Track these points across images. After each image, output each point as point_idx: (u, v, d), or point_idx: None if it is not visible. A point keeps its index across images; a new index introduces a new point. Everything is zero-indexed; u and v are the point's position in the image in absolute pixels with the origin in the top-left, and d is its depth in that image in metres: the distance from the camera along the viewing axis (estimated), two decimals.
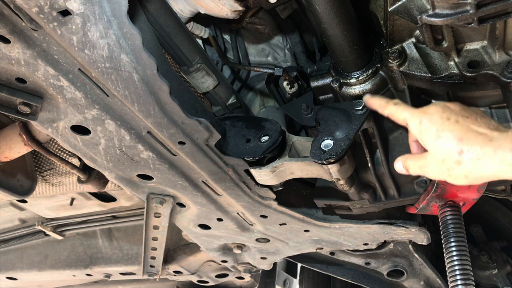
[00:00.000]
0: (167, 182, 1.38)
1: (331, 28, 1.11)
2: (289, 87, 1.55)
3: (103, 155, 1.23)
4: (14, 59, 0.95)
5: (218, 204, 1.53)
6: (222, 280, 2.45)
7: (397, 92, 1.24)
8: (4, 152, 1.41)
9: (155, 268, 2.03)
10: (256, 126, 1.33)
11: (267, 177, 1.33)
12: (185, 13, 1.36)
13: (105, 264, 2.31)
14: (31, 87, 1.03)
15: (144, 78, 1.02)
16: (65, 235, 2.26)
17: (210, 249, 1.90)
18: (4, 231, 2.27)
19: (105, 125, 1.13)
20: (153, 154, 1.24)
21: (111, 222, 2.15)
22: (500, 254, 2.35)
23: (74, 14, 0.88)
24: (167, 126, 1.14)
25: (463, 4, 0.90)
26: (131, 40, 0.95)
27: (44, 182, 1.75)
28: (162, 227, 1.66)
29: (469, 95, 1.21)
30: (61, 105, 1.07)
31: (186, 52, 1.30)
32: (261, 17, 1.52)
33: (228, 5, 1.26)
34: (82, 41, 0.92)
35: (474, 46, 1.07)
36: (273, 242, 1.81)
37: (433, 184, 1.32)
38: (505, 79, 1.02)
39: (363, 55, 1.20)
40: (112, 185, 1.72)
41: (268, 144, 1.27)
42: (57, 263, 2.37)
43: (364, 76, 1.21)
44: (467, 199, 1.35)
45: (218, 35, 1.56)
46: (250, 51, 1.62)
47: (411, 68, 1.15)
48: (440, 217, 1.38)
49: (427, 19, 0.96)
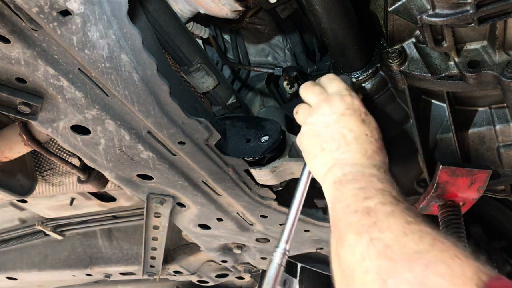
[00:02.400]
0: (167, 182, 1.38)
1: (331, 28, 1.11)
2: (289, 87, 1.54)
3: (103, 155, 1.23)
4: (14, 59, 0.95)
5: (218, 204, 1.53)
6: (222, 280, 2.46)
7: (397, 92, 1.24)
8: (4, 152, 1.41)
9: (155, 268, 2.03)
10: (256, 126, 1.33)
11: (267, 177, 1.33)
12: (185, 13, 1.36)
13: (105, 264, 2.31)
14: (31, 87, 1.03)
15: (144, 78, 1.01)
16: (65, 235, 2.26)
17: (210, 249, 1.90)
18: (4, 231, 2.27)
19: (105, 125, 1.13)
20: (153, 154, 1.24)
21: (111, 222, 2.15)
22: (500, 254, 2.34)
23: (74, 14, 0.88)
24: (167, 126, 1.14)
25: (463, 4, 0.90)
26: (131, 40, 0.95)
27: (44, 182, 1.75)
28: (162, 227, 1.66)
29: (469, 95, 1.21)
30: (61, 105, 1.07)
31: (186, 52, 1.30)
32: (261, 17, 1.52)
33: (228, 5, 1.26)
34: (82, 41, 0.92)
35: (474, 46, 1.07)
36: (273, 242, 1.81)
37: (433, 184, 1.32)
38: (505, 79, 1.02)
39: (363, 55, 1.20)
40: (112, 185, 1.72)
41: (268, 144, 1.27)
42: (57, 263, 2.37)
43: (364, 76, 1.21)
44: (467, 199, 1.35)
45: (218, 35, 1.56)
46: (250, 51, 1.62)
47: (411, 68, 1.14)
48: (440, 217, 1.38)
49: (427, 19, 0.96)
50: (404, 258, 0.71)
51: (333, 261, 0.84)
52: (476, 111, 1.25)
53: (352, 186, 0.88)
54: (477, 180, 1.28)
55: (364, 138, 0.96)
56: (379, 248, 0.74)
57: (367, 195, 0.85)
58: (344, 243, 0.81)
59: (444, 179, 1.28)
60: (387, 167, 0.95)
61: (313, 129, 1.01)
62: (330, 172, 0.94)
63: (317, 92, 1.04)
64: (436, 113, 1.29)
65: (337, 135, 0.96)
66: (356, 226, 0.81)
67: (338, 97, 1.01)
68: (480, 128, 1.26)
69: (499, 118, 1.22)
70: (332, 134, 0.97)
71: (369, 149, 0.95)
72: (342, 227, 0.84)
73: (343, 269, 0.80)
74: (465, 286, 0.63)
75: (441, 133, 1.30)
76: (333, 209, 0.90)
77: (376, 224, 0.79)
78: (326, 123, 0.99)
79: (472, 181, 1.29)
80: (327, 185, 0.94)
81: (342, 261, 0.80)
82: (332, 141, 0.97)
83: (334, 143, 0.96)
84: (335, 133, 0.97)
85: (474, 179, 1.28)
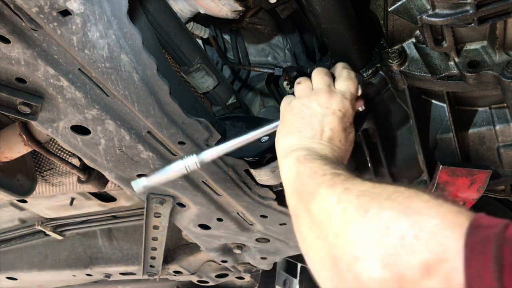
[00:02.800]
0: (167, 182, 1.37)
1: (331, 28, 1.11)
2: (289, 87, 1.54)
3: (103, 155, 1.23)
4: (14, 59, 0.95)
5: (218, 204, 1.53)
6: (222, 280, 2.45)
7: (397, 92, 1.24)
8: (4, 152, 1.41)
9: (155, 268, 2.03)
10: (256, 126, 1.33)
11: (267, 177, 1.33)
12: (185, 13, 1.36)
13: (105, 264, 2.31)
14: (31, 87, 1.03)
15: (144, 78, 1.01)
16: (65, 235, 2.25)
17: (210, 249, 1.90)
18: (4, 231, 2.27)
19: (105, 125, 1.13)
20: (153, 154, 1.24)
21: (111, 222, 2.15)
22: None
23: (74, 14, 0.88)
24: (167, 126, 1.14)
25: (463, 4, 0.90)
26: (131, 40, 0.95)
27: (44, 182, 1.75)
28: (162, 227, 1.66)
29: (469, 95, 1.21)
30: (61, 105, 1.07)
31: (186, 52, 1.30)
32: (261, 17, 1.52)
33: (228, 5, 1.26)
34: (82, 41, 0.92)
35: (474, 46, 1.07)
36: (273, 242, 1.81)
37: (433, 184, 1.32)
38: (505, 79, 1.02)
39: (363, 55, 1.20)
40: (112, 185, 1.72)
41: (268, 144, 1.27)
42: (57, 263, 2.37)
43: (364, 76, 1.21)
44: (467, 199, 1.35)
45: (218, 35, 1.56)
46: (250, 51, 1.62)
47: (411, 68, 1.14)
48: None
49: (427, 19, 0.96)
50: (384, 195, 0.69)
51: (300, 226, 0.83)
52: (476, 111, 1.26)
53: (319, 162, 0.89)
54: (477, 180, 1.28)
55: (336, 142, 1.00)
56: (355, 192, 0.73)
57: (334, 167, 0.86)
58: (316, 197, 0.79)
59: (444, 179, 1.28)
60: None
61: (301, 109, 1.03)
62: (296, 152, 0.95)
63: (326, 82, 1.06)
64: (436, 113, 1.29)
65: (317, 127, 1.00)
66: (327, 182, 0.80)
67: (340, 97, 1.03)
68: (480, 128, 1.26)
69: (499, 118, 1.22)
70: (314, 124, 1.00)
71: (336, 153, 0.99)
72: (310, 188, 0.83)
73: (314, 221, 0.77)
74: (452, 211, 0.62)
75: (441, 133, 1.30)
76: (295, 182, 0.89)
77: (348, 180, 0.79)
78: (316, 112, 1.01)
79: (472, 181, 1.29)
80: (289, 160, 0.94)
81: (315, 213, 0.78)
82: (310, 129, 1.00)
83: (311, 132, 0.99)
84: (316, 124, 1.00)
85: (474, 179, 1.28)
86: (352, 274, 0.65)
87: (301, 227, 0.83)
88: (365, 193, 0.72)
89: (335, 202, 0.74)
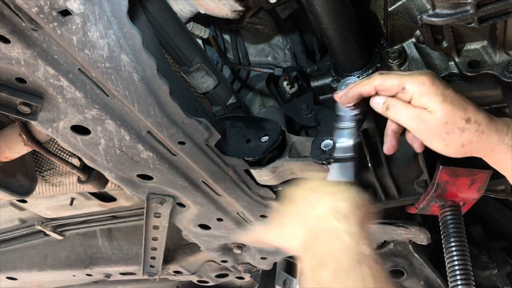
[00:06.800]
0: (167, 182, 1.38)
1: (331, 28, 1.11)
2: (289, 87, 1.54)
3: (103, 155, 1.23)
4: (14, 59, 0.95)
5: (218, 204, 1.53)
6: (222, 280, 2.45)
7: None
8: (4, 152, 1.41)
9: (155, 268, 2.03)
10: (256, 126, 1.33)
11: (267, 177, 1.33)
12: (185, 13, 1.36)
13: (105, 264, 2.31)
14: (31, 87, 1.03)
15: (144, 78, 1.01)
16: (65, 235, 2.25)
17: (210, 249, 1.90)
18: (4, 231, 2.27)
19: (105, 125, 1.13)
20: (153, 154, 1.24)
21: (111, 222, 2.15)
22: (500, 254, 2.34)
23: (74, 14, 0.88)
24: (167, 126, 1.14)
25: (463, 4, 0.90)
26: (131, 40, 0.95)
27: (44, 182, 1.75)
28: (162, 227, 1.66)
29: (469, 95, 1.20)
30: (61, 105, 1.07)
31: (186, 52, 1.30)
32: (261, 17, 1.52)
33: (228, 5, 1.26)
34: (82, 41, 0.92)
35: (474, 46, 1.07)
36: None
37: (433, 184, 1.32)
38: (505, 79, 1.02)
39: (363, 55, 1.20)
40: (112, 185, 1.72)
41: (268, 144, 1.27)
42: (57, 263, 2.37)
43: (364, 76, 1.21)
44: (467, 199, 1.35)
45: (218, 35, 1.56)
46: (250, 51, 1.62)
47: (412, 68, 1.15)
48: (440, 217, 1.38)
49: (427, 19, 0.96)
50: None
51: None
52: None
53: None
54: (477, 180, 1.28)
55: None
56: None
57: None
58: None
59: (444, 179, 1.28)
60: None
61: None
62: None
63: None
64: None
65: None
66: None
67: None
68: None
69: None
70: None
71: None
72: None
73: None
74: None
75: None
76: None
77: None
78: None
79: (472, 181, 1.29)
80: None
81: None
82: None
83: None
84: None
85: (474, 179, 1.28)
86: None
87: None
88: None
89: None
